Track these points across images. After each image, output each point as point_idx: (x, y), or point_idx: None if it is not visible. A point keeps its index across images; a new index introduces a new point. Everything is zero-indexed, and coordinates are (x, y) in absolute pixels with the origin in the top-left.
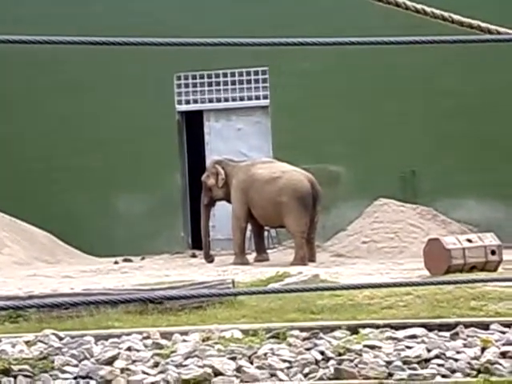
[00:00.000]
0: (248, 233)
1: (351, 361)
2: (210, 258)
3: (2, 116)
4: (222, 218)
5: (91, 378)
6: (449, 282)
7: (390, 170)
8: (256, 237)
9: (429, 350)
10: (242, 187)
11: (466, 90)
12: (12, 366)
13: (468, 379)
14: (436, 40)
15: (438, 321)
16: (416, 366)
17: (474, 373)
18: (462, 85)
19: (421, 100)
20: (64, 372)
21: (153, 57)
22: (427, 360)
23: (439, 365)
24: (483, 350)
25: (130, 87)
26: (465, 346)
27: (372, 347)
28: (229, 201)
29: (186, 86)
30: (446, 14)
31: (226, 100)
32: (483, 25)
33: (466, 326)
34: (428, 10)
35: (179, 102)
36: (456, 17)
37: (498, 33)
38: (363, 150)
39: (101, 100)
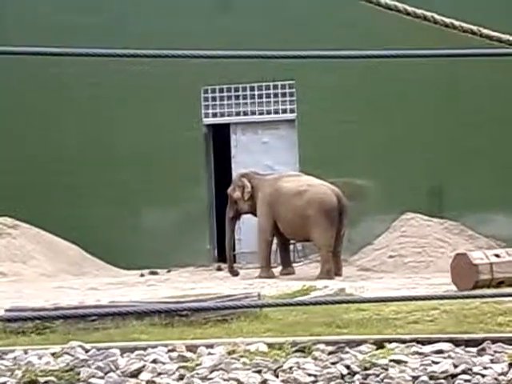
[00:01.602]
0: (274, 246)
1: (377, 375)
2: (234, 272)
3: (29, 130)
4: (247, 231)
5: None
6: (475, 296)
7: (417, 184)
8: (282, 250)
9: (455, 366)
10: (268, 200)
11: (493, 103)
12: (38, 378)
13: None
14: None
15: (464, 336)
16: (443, 381)
17: None
18: (490, 98)
19: (448, 114)
20: None
21: (181, 70)
22: (454, 375)
23: (466, 380)
24: (510, 365)
25: (158, 100)
26: (492, 361)
27: (398, 362)
28: (255, 214)
29: (213, 99)
30: (474, 28)
31: (253, 113)
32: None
33: (493, 341)
34: (457, 23)
35: (206, 115)
36: (485, 31)
37: None
38: (390, 164)
39: (128, 113)
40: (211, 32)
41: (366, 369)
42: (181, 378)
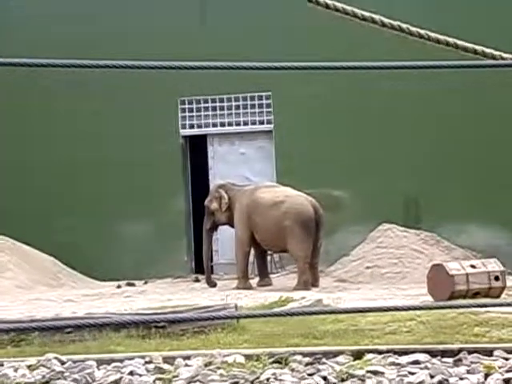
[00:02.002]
0: (251, 257)
1: None
2: (212, 283)
3: (5, 141)
4: (224, 242)
5: None
6: (451, 307)
7: (393, 196)
8: (259, 261)
9: (432, 376)
10: (246, 211)
11: (469, 116)
12: None
13: None
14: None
15: (441, 347)
16: None
17: None
18: (466, 111)
19: (425, 126)
20: None
21: (158, 81)
22: None
23: None
24: (486, 376)
25: (135, 111)
26: (468, 372)
27: (375, 373)
28: (232, 225)
29: (190, 110)
30: (450, 40)
31: (230, 124)
32: (487, 50)
33: (470, 352)
34: (432, 35)
35: (183, 127)
36: (460, 42)
37: (502, 58)
38: (366, 176)
39: (104, 125)
40: (188, 43)
41: (342, 380)
42: None
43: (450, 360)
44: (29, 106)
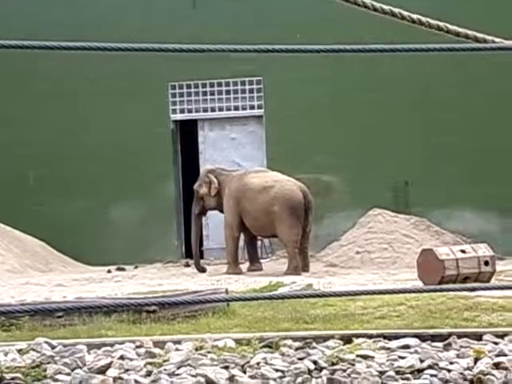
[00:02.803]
0: (241, 242)
1: (344, 370)
2: (201, 268)
3: None
4: (214, 227)
5: None
6: (441, 290)
7: (383, 181)
8: (249, 246)
9: (422, 361)
10: (235, 196)
11: (460, 100)
12: (4, 375)
13: None
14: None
15: (430, 331)
16: (409, 376)
17: (467, 383)
18: (457, 95)
19: (415, 110)
20: (56, 380)
21: (148, 66)
22: (420, 370)
23: (432, 375)
24: (476, 360)
25: (125, 96)
26: (458, 356)
27: (365, 357)
28: (221, 210)
29: (181, 95)
30: (441, 24)
31: (221, 109)
32: (479, 35)
33: (459, 336)
34: (423, 19)
35: (174, 111)
36: (451, 27)
37: (493, 42)
38: (357, 161)
39: (94, 109)
40: (180, 27)
41: (333, 364)
42: (148, 374)
43: (440, 344)
44: (19, 90)
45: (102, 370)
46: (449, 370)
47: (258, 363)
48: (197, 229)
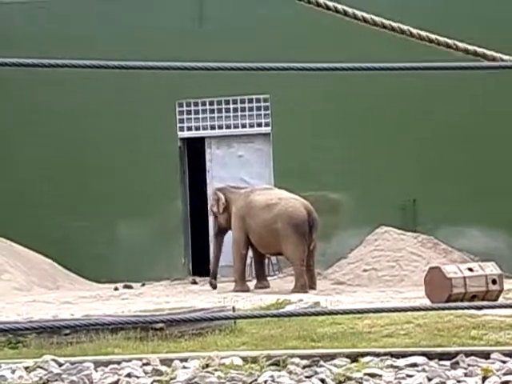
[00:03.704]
0: (248, 259)
1: None
2: (213, 284)
3: (2, 141)
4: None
5: None
6: (449, 308)
7: (390, 198)
8: (257, 264)
9: (429, 379)
10: (241, 214)
11: (467, 118)
12: None
13: None
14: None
15: (438, 349)
16: None
17: None
18: (464, 113)
19: (422, 129)
20: None
21: (156, 84)
22: None
23: None
24: (484, 379)
25: (133, 113)
26: (465, 375)
27: (372, 375)
28: (231, 228)
29: (188, 112)
30: (450, 41)
31: (228, 127)
32: (488, 52)
33: (467, 354)
34: (432, 37)
35: (181, 129)
36: (460, 44)
37: (502, 60)
38: (364, 178)
39: (102, 126)
40: (186, 47)
41: (340, 382)
42: None
43: (448, 363)
44: (28, 107)
45: None
46: None
47: (265, 381)
48: (215, 248)
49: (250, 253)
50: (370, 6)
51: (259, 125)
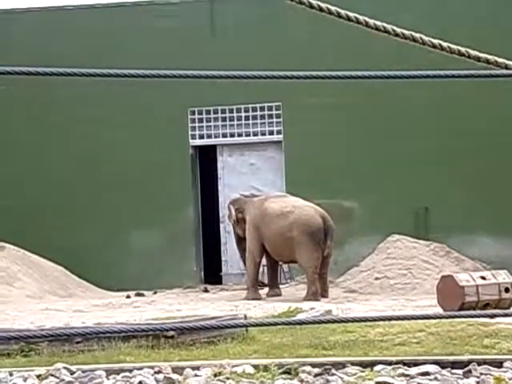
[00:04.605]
0: (261, 268)
1: None
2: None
3: (15, 151)
4: (233, 253)
5: None
6: (461, 316)
7: (403, 207)
8: (270, 271)
9: None
10: (255, 222)
11: (480, 125)
12: None
13: None
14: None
15: (450, 358)
16: None
17: None
18: (476, 122)
19: (434, 137)
20: None
21: (168, 92)
22: None
23: None
24: None
25: (145, 122)
26: (478, 383)
27: None
28: None
29: (200, 120)
30: (462, 49)
31: (240, 135)
32: (500, 60)
33: (479, 363)
34: (445, 45)
35: (193, 137)
36: (472, 52)
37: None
38: (376, 186)
39: (115, 135)
40: (199, 56)
41: None
42: None
43: (460, 371)
44: (39, 117)
45: None
46: None
47: None
48: (242, 255)
49: (264, 261)
50: (379, 12)
51: (271, 133)
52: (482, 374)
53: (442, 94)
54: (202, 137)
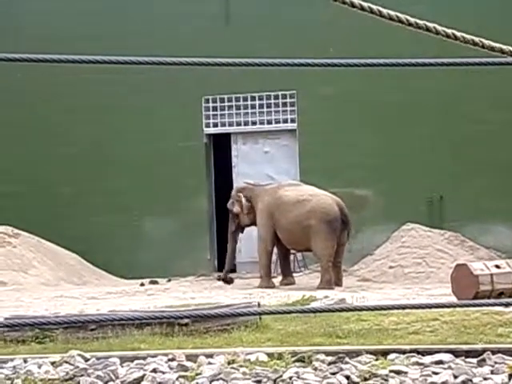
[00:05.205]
0: (274, 256)
1: None
2: (230, 281)
3: (30, 139)
4: (247, 241)
5: None
6: (475, 305)
7: (417, 195)
8: (282, 260)
9: (455, 377)
10: (268, 210)
11: (494, 114)
12: None
13: None
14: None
15: (465, 347)
16: None
17: None
18: (490, 109)
19: (448, 125)
20: None
21: (182, 79)
22: None
23: None
24: (510, 376)
25: (159, 109)
26: (492, 372)
27: (398, 372)
28: (256, 225)
29: (214, 108)
30: (476, 39)
31: (254, 123)
32: None
33: (494, 352)
34: (458, 34)
35: (207, 125)
36: (487, 42)
37: None
38: (390, 175)
39: (129, 123)
40: (213, 44)
41: (365, 379)
42: None
43: (474, 360)
44: (53, 103)
45: (135, 383)
46: None
47: (290, 378)
48: (231, 246)
49: (276, 249)
50: (392, 2)
51: (285, 121)
52: (496, 362)
53: (455, 83)
54: (216, 125)
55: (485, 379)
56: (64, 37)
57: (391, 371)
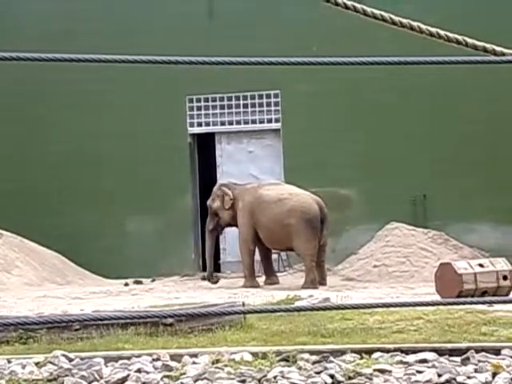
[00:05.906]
0: (257, 256)
1: None
2: (215, 281)
3: (14, 138)
4: (232, 240)
5: None
6: (459, 303)
7: (401, 194)
8: (264, 260)
9: (439, 375)
10: (249, 209)
11: (477, 112)
12: None
13: None
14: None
15: (448, 345)
16: None
17: None
18: (475, 109)
19: (432, 124)
20: None
21: (165, 80)
22: None
23: None
24: (494, 375)
25: (143, 109)
26: (476, 371)
27: (382, 371)
28: (236, 225)
29: (198, 108)
30: (459, 38)
31: (238, 123)
32: (497, 48)
33: (477, 350)
34: (442, 33)
35: (191, 125)
36: (470, 40)
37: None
38: (374, 174)
39: (113, 122)
40: (197, 42)
41: (350, 378)
42: None
43: (458, 359)
44: (36, 102)
45: (119, 383)
46: None
47: (274, 377)
48: (210, 246)
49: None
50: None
51: (269, 120)
52: (479, 361)
53: (440, 82)
54: (200, 124)
55: (469, 378)
56: (64, 37)
57: (375, 370)
